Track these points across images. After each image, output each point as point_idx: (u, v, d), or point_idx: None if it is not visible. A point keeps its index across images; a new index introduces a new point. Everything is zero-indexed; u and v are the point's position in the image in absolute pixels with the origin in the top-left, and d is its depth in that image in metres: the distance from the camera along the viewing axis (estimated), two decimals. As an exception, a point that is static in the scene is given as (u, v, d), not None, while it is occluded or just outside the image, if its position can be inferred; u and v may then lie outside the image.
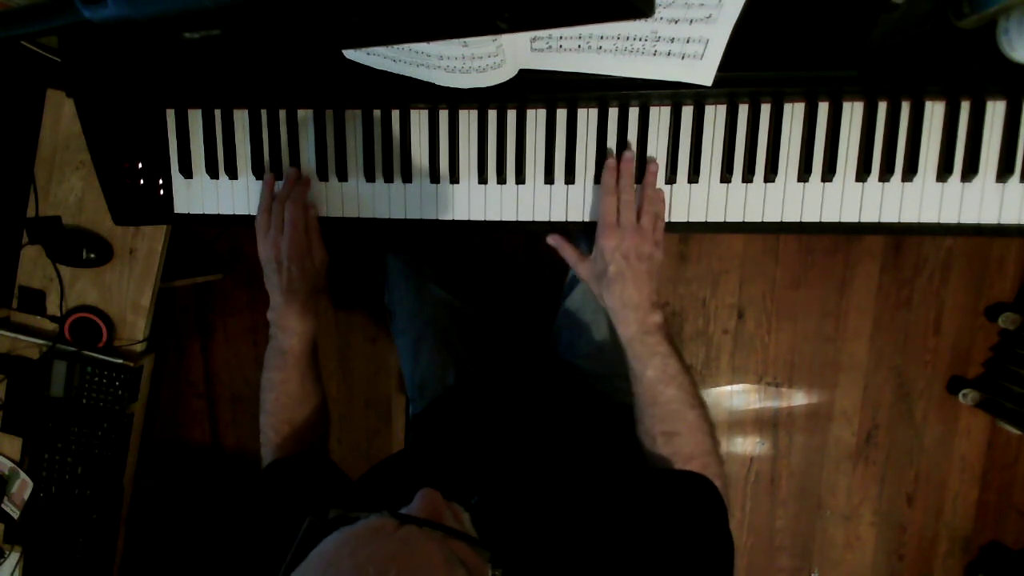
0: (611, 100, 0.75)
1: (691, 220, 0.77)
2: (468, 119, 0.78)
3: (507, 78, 0.72)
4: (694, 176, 0.76)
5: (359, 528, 0.39)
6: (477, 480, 0.63)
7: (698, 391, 0.69)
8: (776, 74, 0.70)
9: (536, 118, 0.77)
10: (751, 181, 0.75)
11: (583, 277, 0.76)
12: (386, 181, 0.81)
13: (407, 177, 0.81)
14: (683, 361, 0.70)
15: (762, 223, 0.77)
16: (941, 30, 0.66)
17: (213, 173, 0.84)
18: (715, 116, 0.75)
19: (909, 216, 0.74)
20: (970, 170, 0.72)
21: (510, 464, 0.66)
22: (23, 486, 1.20)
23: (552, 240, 0.78)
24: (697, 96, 0.73)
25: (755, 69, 0.69)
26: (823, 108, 0.73)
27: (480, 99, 0.77)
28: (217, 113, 0.82)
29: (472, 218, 0.81)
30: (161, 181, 0.85)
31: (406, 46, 0.69)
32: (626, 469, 0.71)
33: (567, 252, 0.77)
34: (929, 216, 0.74)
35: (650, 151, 0.76)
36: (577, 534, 0.53)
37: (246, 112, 0.82)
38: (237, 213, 0.85)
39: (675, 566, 0.52)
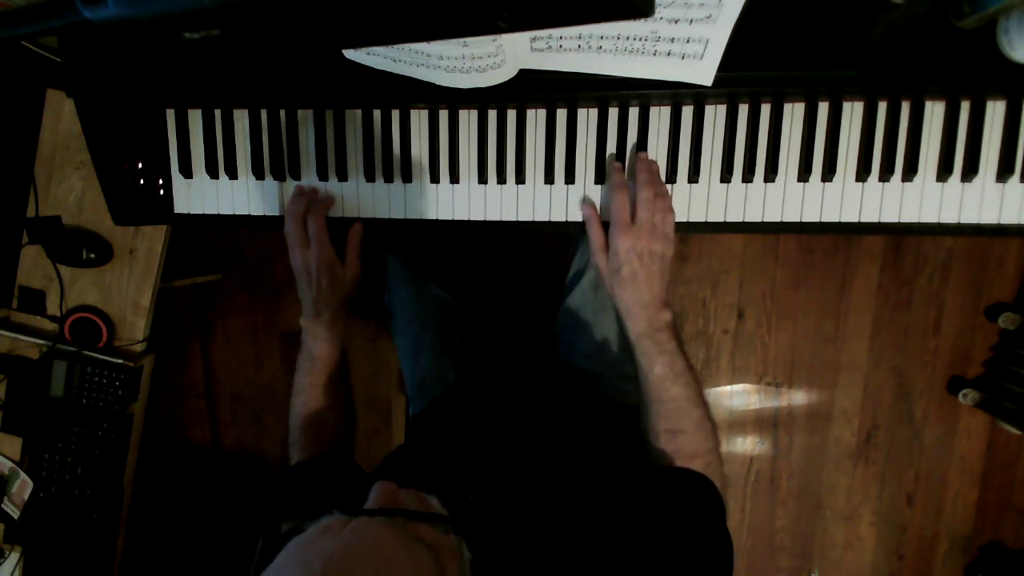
0: (611, 100, 0.75)
1: (691, 220, 0.77)
2: (468, 119, 0.78)
3: (507, 78, 0.72)
4: (694, 176, 0.76)
5: (309, 532, 0.39)
6: (476, 477, 0.63)
7: (702, 390, 0.70)
8: (776, 74, 0.70)
9: (536, 118, 0.77)
10: (751, 181, 0.75)
11: (599, 267, 0.75)
12: (386, 181, 0.81)
13: (407, 177, 0.81)
14: (688, 360, 0.70)
15: (762, 223, 0.77)
16: (941, 30, 0.66)
17: (213, 173, 0.84)
18: (715, 116, 0.75)
19: (909, 216, 0.74)
20: (970, 170, 0.72)
21: (509, 462, 0.66)
22: (23, 486, 1.20)
23: (585, 212, 0.77)
24: (697, 96, 0.73)
25: (755, 69, 0.69)
26: (823, 108, 0.73)
27: (480, 99, 0.77)
28: (217, 113, 0.82)
29: (472, 218, 0.81)
30: (161, 181, 0.85)
31: (406, 46, 0.69)
32: (625, 467, 0.71)
33: (595, 233, 0.75)
34: (929, 216, 0.74)
35: (650, 151, 0.76)
36: (575, 531, 0.53)
37: (246, 112, 0.82)
38: (237, 213, 0.85)
39: (673, 564, 0.52)
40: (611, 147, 0.77)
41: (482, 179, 0.79)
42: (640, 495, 0.59)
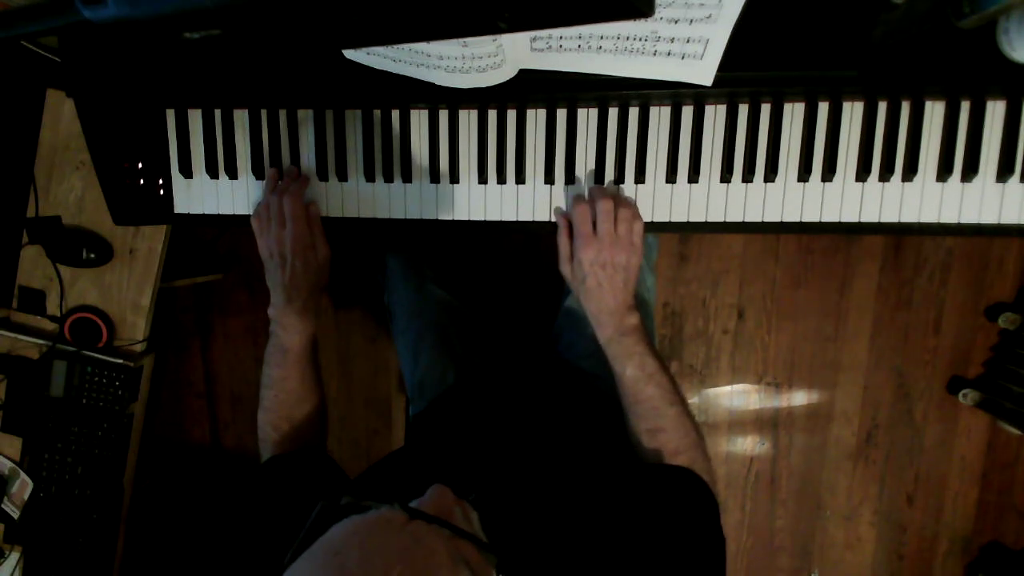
0: (611, 100, 0.75)
1: (691, 220, 0.77)
2: (468, 119, 0.78)
3: (507, 78, 0.72)
4: (694, 176, 0.76)
5: (369, 518, 0.39)
6: (475, 477, 0.63)
7: (678, 388, 0.71)
8: (776, 74, 0.70)
9: (536, 118, 0.77)
10: (751, 181, 0.75)
11: (565, 276, 0.76)
12: (386, 181, 0.81)
13: (407, 177, 0.81)
14: (661, 360, 0.71)
15: (762, 223, 0.77)
16: (941, 30, 0.66)
17: (213, 173, 0.84)
18: (715, 116, 0.75)
19: (909, 216, 0.74)
20: (970, 170, 0.72)
21: (509, 462, 0.66)
22: (23, 486, 1.20)
23: (558, 220, 0.76)
24: (697, 96, 0.73)
25: (755, 69, 0.69)
26: (823, 108, 0.73)
27: (480, 99, 0.77)
28: (217, 113, 0.82)
29: (472, 218, 0.81)
30: (161, 181, 0.85)
31: (406, 46, 0.69)
32: (619, 465, 0.71)
33: (562, 243, 0.75)
34: (929, 216, 0.74)
35: (650, 151, 0.76)
36: (571, 530, 0.54)
37: (246, 112, 0.82)
38: (237, 213, 0.85)
39: (668, 560, 0.52)
40: (611, 147, 0.77)
41: (482, 179, 0.79)
42: (633, 494, 0.59)
